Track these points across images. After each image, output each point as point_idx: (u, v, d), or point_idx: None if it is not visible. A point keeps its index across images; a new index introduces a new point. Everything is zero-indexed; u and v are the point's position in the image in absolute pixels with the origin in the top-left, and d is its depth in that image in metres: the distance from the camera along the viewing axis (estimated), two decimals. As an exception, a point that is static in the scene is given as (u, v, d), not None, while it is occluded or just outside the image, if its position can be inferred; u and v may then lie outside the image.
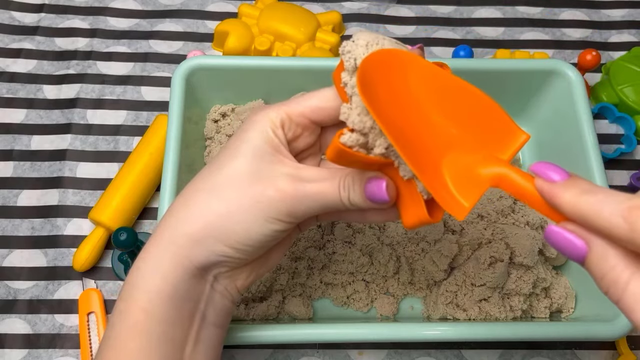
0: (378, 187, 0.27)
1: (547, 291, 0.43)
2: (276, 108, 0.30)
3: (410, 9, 0.61)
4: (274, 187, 0.28)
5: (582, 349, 0.45)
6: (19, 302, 0.46)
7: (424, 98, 0.27)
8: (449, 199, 0.25)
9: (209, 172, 0.30)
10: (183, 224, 0.29)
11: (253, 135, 0.29)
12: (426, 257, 0.43)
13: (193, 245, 0.29)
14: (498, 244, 0.42)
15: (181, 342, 0.29)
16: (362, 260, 0.43)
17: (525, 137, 0.27)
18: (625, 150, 0.53)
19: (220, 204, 0.28)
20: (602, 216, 0.20)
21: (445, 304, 0.42)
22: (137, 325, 0.28)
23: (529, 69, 0.47)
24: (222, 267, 0.30)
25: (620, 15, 0.62)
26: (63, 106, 0.54)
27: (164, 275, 0.28)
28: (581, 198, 0.21)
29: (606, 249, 0.21)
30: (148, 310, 0.28)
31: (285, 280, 0.43)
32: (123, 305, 0.29)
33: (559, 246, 0.22)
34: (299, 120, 0.30)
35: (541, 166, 0.24)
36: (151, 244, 0.30)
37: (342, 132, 0.25)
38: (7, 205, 0.49)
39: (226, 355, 0.44)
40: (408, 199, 0.27)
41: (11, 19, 0.58)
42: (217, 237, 0.28)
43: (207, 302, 0.30)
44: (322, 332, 0.39)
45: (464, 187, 0.26)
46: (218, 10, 0.60)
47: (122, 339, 0.28)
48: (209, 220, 0.28)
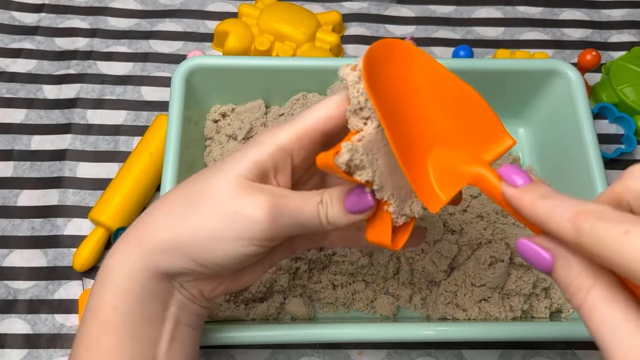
0: (362, 196, 0.27)
1: (547, 291, 0.43)
2: (287, 129, 0.29)
3: (410, 9, 0.61)
4: (251, 207, 0.27)
5: (582, 349, 0.45)
6: (19, 302, 0.46)
7: (421, 90, 0.28)
8: (427, 191, 0.27)
9: (192, 182, 0.30)
10: (154, 229, 0.29)
11: (247, 157, 0.29)
12: (426, 258, 0.43)
13: (158, 253, 0.28)
14: (498, 244, 0.42)
15: (153, 340, 0.29)
16: (362, 261, 0.43)
17: (510, 142, 0.28)
18: (625, 150, 0.53)
19: (194, 218, 0.28)
20: (553, 220, 0.22)
21: (445, 304, 0.42)
22: (108, 322, 0.28)
23: (529, 69, 0.47)
24: (187, 277, 0.30)
25: (620, 15, 0.62)
26: (63, 106, 0.54)
27: (131, 274, 0.29)
28: (538, 203, 0.23)
29: (570, 259, 0.22)
30: (117, 308, 0.28)
31: (286, 280, 0.43)
32: (93, 301, 0.29)
33: (528, 257, 0.23)
34: (312, 137, 0.29)
35: (507, 170, 0.25)
36: (122, 241, 0.30)
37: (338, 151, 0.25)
38: (7, 205, 0.49)
39: (226, 355, 0.44)
40: (378, 219, 0.28)
41: (11, 19, 0.58)
42: (183, 251, 0.28)
43: (178, 305, 0.30)
44: (322, 332, 0.39)
45: (444, 181, 0.27)
46: (218, 10, 0.60)
47: (93, 335, 0.29)
48: (180, 233, 0.28)
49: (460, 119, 0.28)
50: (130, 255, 0.29)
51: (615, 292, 0.21)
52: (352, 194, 0.27)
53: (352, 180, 0.26)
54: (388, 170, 0.27)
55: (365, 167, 0.25)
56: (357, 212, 0.27)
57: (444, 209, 0.45)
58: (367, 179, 0.25)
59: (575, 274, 0.22)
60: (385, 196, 0.27)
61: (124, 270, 0.29)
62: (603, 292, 0.21)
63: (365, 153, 0.25)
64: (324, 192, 0.28)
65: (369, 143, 0.25)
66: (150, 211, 0.30)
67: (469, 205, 0.45)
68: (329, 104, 0.29)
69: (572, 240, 0.21)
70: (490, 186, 0.25)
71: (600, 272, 0.21)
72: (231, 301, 0.42)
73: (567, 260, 0.22)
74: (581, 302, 0.21)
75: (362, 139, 0.25)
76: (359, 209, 0.27)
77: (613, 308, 0.20)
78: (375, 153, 0.26)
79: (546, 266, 0.23)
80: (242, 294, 0.42)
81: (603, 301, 0.21)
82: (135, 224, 0.30)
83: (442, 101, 0.28)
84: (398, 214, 0.27)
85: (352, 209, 0.27)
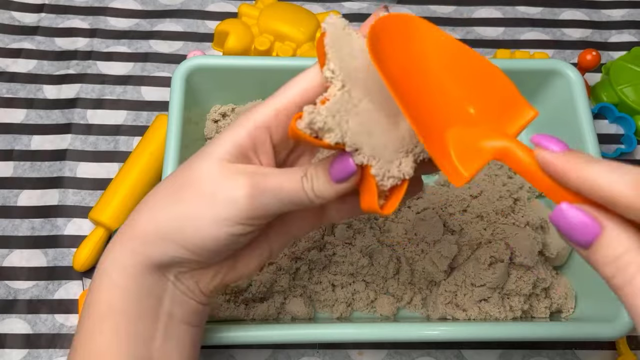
0: (343, 161, 0.26)
1: (547, 291, 0.43)
2: (265, 107, 0.29)
3: (410, 9, 0.61)
4: (230, 186, 0.27)
5: (582, 349, 0.45)
6: (19, 302, 0.46)
7: (434, 66, 0.27)
8: (449, 167, 0.25)
9: (176, 172, 0.30)
10: (142, 222, 0.29)
11: (225, 139, 0.29)
12: (426, 258, 0.43)
13: (149, 244, 0.29)
14: (498, 244, 0.42)
15: (147, 337, 0.29)
16: (362, 262, 0.43)
17: (533, 113, 0.26)
18: (625, 150, 0.53)
19: (178, 205, 0.28)
20: (608, 183, 0.20)
21: (445, 304, 0.42)
22: (103, 319, 0.28)
23: (529, 69, 0.47)
24: (180, 267, 0.30)
25: (620, 15, 0.62)
26: (63, 106, 0.54)
27: (125, 270, 0.29)
28: (587, 166, 0.21)
29: (621, 231, 0.20)
30: (111, 304, 0.28)
31: (286, 281, 0.43)
32: (89, 298, 0.29)
33: (569, 226, 0.21)
34: (290, 112, 0.29)
35: (542, 137, 0.23)
36: (116, 238, 0.30)
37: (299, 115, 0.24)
38: (7, 205, 0.49)
39: (226, 355, 0.44)
40: (365, 185, 0.27)
41: (11, 19, 0.58)
42: (171, 238, 0.28)
43: (171, 300, 0.30)
44: (322, 332, 0.39)
45: (466, 157, 0.25)
46: (218, 10, 0.60)
47: (90, 331, 0.29)
48: (165, 221, 0.28)
49: (479, 92, 0.27)
50: (123, 250, 0.29)
51: None
52: (334, 161, 0.27)
53: (320, 144, 0.25)
54: (365, 131, 0.26)
55: (332, 129, 0.25)
56: (342, 179, 0.27)
57: (444, 209, 0.45)
58: (337, 140, 0.25)
59: (624, 247, 0.20)
60: (365, 158, 0.26)
61: (118, 266, 0.29)
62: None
63: (331, 115, 0.25)
64: (310, 165, 0.28)
65: (334, 105, 0.25)
66: (139, 206, 0.30)
67: (469, 205, 0.45)
68: (305, 77, 0.28)
69: (632, 205, 0.19)
70: (518, 159, 0.24)
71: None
72: (231, 301, 0.42)
73: (617, 232, 0.20)
74: (628, 281, 0.19)
75: (326, 100, 0.25)
76: (343, 175, 0.26)
77: None
78: (343, 115, 0.25)
79: (592, 236, 0.20)
80: (242, 294, 0.42)
81: None
82: (127, 219, 0.30)
83: (458, 76, 0.27)
84: (383, 176, 0.26)
85: (336, 177, 0.27)
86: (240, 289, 0.42)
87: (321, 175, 0.27)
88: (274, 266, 0.43)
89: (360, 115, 0.26)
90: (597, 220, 0.21)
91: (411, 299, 0.44)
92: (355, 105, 0.26)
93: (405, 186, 0.27)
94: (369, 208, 0.27)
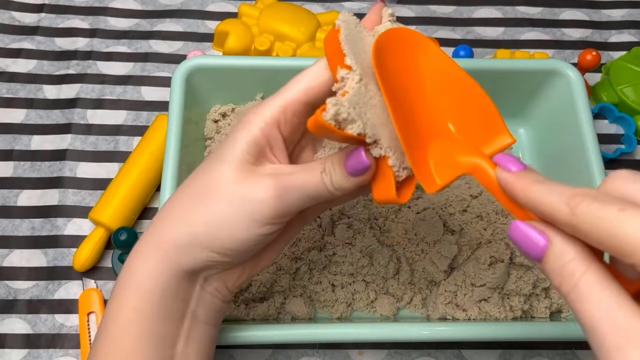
0: (357, 156, 0.27)
1: (547, 291, 0.43)
2: (271, 104, 0.29)
3: (410, 9, 0.61)
4: (257, 189, 0.28)
5: (582, 349, 0.45)
6: (19, 302, 0.46)
7: (428, 81, 0.29)
8: (425, 174, 0.28)
9: (195, 177, 0.30)
10: (169, 230, 0.29)
11: (240, 139, 0.29)
12: (426, 258, 0.43)
13: (179, 252, 0.29)
14: (498, 244, 0.42)
15: (172, 340, 0.30)
16: (362, 262, 0.43)
17: (510, 140, 0.28)
18: (625, 150, 0.53)
19: (205, 210, 0.29)
20: (548, 202, 0.22)
21: (445, 304, 0.42)
22: (129, 324, 0.29)
23: (529, 69, 0.47)
24: (211, 270, 0.30)
25: (620, 15, 0.62)
26: (63, 106, 0.54)
27: (153, 277, 0.29)
28: (532, 186, 0.23)
29: (565, 243, 0.22)
30: (140, 310, 0.29)
31: (286, 281, 0.43)
32: (115, 304, 0.29)
33: (521, 241, 0.23)
34: (295, 109, 0.29)
35: (502, 158, 0.25)
36: (140, 246, 0.30)
37: (324, 108, 0.25)
38: (7, 205, 0.49)
39: (226, 355, 0.44)
40: (380, 176, 0.28)
41: (11, 19, 0.58)
42: (202, 244, 0.29)
43: (197, 302, 0.31)
44: (322, 332, 0.39)
45: (442, 168, 0.28)
46: (218, 10, 0.60)
47: (114, 337, 0.29)
48: (194, 227, 0.29)
49: (463, 111, 0.29)
50: (150, 257, 0.29)
51: (608, 279, 0.21)
52: (348, 156, 0.27)
53: (344, 134, 0.25)
54: (381, 123, 0.27)
55: (354, 120, 0.25)
56: (357, 173, 0.27)
57: (444, 209, 0.45)
58: (359, 131, 0.25)
59: (568, 258, 0.21)
60: (383, 150, 0.27)
61: (145, 272, 0.29)
62: (596, 277, 0.21)
63: (352, 106, 0.25)
64: (326, 159, 0.28)
65: (354, 97, 0.26)
66: (162, 214, 0.30)
67: (469, 205, 0.45)
68: (309, 74, 0.29)
69: (566, 221, 0.21)
70: (486, 175, 0.26)
71: (592, 259, 0.21)
72: (231, 301, 0.42)
73: (562, 244, 0.22)
74: (573, 286, 0.21)
75: (346, 93, 0.26)
76: (357, 169, 0.27)
77: (605, 292, 0.20)
78: (362, 107, 0.26)
79: (539, 251, 0.22)
80: (242, 294, 0.42)
81: (596, 285, 0.20)
82: (150, 228, 0.30)
83: (447, 93, 0.29)
84: (399, 167, 0.27)
85: (352, 171, 0.27)
86: (240, 289, 0.42)
87: (337, 169, 0.28)
88: (274, 266, 0.43)
89: (376, 107, 0.27)
90: (545, 234, 0.22)
91: (411, 299, 0.44)
92: (372, 97, 0.27)
93: (415, 179, 0.28)
94: (385, 198, 0.27)
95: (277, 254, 0.33)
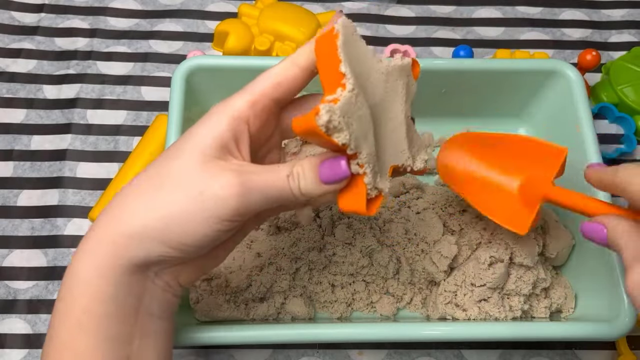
0: (337, 166, 0.27)
1: (547, 291, 0.43)
2: (240, 98, 0.29)
3: (410, 9, 0.61)
4: (218, 184, 0.27)
5: (582, 349, 0.45)
6: (19, 302, 0.46)
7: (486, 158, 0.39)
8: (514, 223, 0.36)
9: (153, 166, 0.29)
10: (121, 223, 0.28)
11: (205, 131, 0.28)
12: (426, 258, 0.43)
13: (131, 245, 0.27)
14: (498, 244, 0.42)
15: (127, 338, 0.29)
16: (362, 262, 0.43)
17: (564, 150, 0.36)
18: (625, 150, 0.53)
19: (162, 203, 0.27)
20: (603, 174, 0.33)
21: (445, 304, 0.42)
22: (80, 325, 0.27)
23: (529, 69, 0.47)
24: (163, 265, 0.29)
25: (620, 15, 0.62)
26: (63, 106, 0.54)
27: (102, 274, 0.27)
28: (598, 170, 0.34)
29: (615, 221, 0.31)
30: (90, 311, 0.27)
31: (286, 281, 0.43)
32: (62, 305, 0.28)
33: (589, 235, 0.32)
34: (265, 104, 0.29)
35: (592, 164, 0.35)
36: (87, 241, 0.28)
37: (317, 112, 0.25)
38: (7, 205, 0.49)
39: (226, 355, 0.44)
40: (353, 187, 0.28)
41: (11, 19, 0.58)
42: (156, 238, 0.27)
43: (150, 297, 0.30)
44: (322, 332, 0.39)
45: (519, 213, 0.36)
46: (218, 10, 0.60)
47: (64, 340, 0.28)
48: (149, 221, 0.27)
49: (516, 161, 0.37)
50: (98, 253, 0.28)
51: None
52: (326, 163, 0.27)
53: (329, 140, 0.25)
54: (363, 135, 0.27)
55: (342, 129, 0.25)
56: (332, 181, 0.27)
57: (444, 209, 0.45)
58: (345, 141, 0.25)
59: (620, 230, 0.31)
60: (362, 163, 0.27)
61: (92, 269, 0.28)
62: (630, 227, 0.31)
63: (342, 115, 0.25)
64: (294, 163, 0.28)
65: (345, 105, 0.25)
66: (116, 201, 0.29)
67: (469, 205, 0.45)
68: (277, 71, 0.29)
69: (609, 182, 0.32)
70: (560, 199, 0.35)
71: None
72: (231, 301, 0.42)
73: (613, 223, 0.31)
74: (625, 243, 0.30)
75: (337, 100, 0.25)
76: (335, 178, 0.27)
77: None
78: (350, 117, 0.26)
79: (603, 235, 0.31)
80: (242, 294, 0.42)
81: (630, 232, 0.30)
82: (99, 220, 0.29)
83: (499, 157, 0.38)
84: (372, 185, 0.28)
85: (328, 179, 0.27)
86: (240, 289, 0.42)
87: (309, 175, 0.27)
88: (274, 266, 0.43)
89: (361, 119, 0.27)
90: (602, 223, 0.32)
91: (411, 299, 0.44)
92: (360, 108, 0.26)
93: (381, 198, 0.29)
94: (353, 210, 0.28)
95: (230, 251, 0.33)
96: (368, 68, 0.29)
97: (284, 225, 0.44)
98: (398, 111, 0.31)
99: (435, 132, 0.51)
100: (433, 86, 0.48)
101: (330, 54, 0.27)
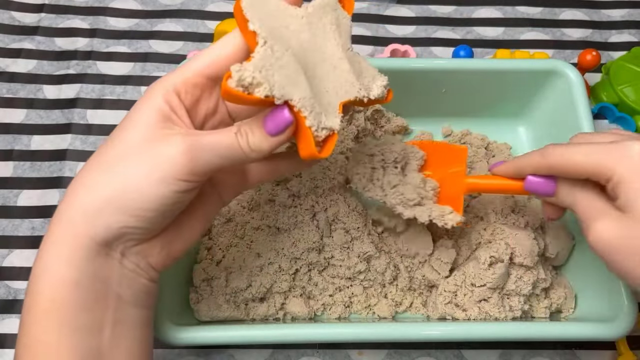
0: (279, 113, 0.27)
1: (547, 291, 0.43)
2: (174, 75, 0.30)
3: (410, 9, 0.61)
4: (166, 146, 0.28)
5: (582, 349, 0.45)
6: (19, 302, 0.46)
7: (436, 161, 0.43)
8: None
9: (104, 148, 0.29)
10: (79, 201, 0.28)
11: (145, 107, 0.29)
12: (425, 266, 0.43)
13: (90, 220, 0.27)
14: (498, 244, 0.41)
15: (98, 327, 0.28)
16: (359, 267, 0.43)
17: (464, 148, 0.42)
18: (625, 150, 0.53)
19: (116, 176, 0.28)
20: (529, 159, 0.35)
21: (445, 304, 0.42)
22: (47, 317, 0.27)
23: (529, 69, 0.47)
24: (127, 241, 0.29)
25: (620, 15, 0.62)
26: (63, 106, 0.54)
27: (66, 259, 0.27)
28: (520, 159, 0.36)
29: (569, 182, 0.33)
30: (55, 300, 0.27)
31: (286, 281, 0.42)
32: (29, 300, 0.28)
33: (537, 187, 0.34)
34: (197, 81, 0.30)
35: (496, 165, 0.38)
36: (50, 228, 0.28)
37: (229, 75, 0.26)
38: (7, 205, 0.49)
39: (226, 355, 0.44)
40: (301, 136, 0.29)
41: (11, 19, 0.58)
42: (114, 208, 0.28)
43: (120, 281, 0.29)
44: (322, 332, 0.39)
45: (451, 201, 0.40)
46: (218, 10, 0.60)
47: (33, 334, 0.27)
48: (104, 192, 0.28)
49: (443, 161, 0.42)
50: (61, 239, 0.28)
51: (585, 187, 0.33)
52: (268, 116, 0.28)
53: (251, 99, 0.26)
54: (291, 83, 0.27)
55: (260, 83, 0.26)
56: (278, 131, 0.28)
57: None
58: (267, 93, 0.26)
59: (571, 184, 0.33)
60: (298, 106, 0.27)
61: (54, 257, 0.27)
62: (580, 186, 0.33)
63: (257, 70, 0.26)
64: (241, 123, 0.29)
65: (259, 61, 0.26)
66: (73, 184, 0.29)
67: (468, 205, 0.45)
68: (216, 47, 0.30)
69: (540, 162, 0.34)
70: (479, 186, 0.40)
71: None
72: (231, 301, 0.42)
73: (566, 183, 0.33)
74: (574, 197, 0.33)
75: (251, 58, 0.27)
76: (278, 128, 0.28)
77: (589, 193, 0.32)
78: (268, 69, 0.27)
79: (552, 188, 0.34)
80: (242, 294, 0.42)
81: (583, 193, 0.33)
82: (59, 207, 0.29)
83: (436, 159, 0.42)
84: (317, 127, 0.28)
85: (272, 130, 0.28)
86: (240, 289, 0.42)
87: (256, 130, 0.28)
88: (273, 266, 0.43)
89: (285, 68, 0.27)
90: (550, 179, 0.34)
91: (411, 303, 0.44)
92: (279, 58, 0.27)
93: (335, 137, 0.30)
94: (308, 154, 0.29)
95: (197, 234, 0.33)
96: (285, 18, 0.30)
97: (283, 226, 0.44)
98: (333, 48, 0.32)
99: (435, 132, 0.51)
100: (433, 86, 0.48)
101: (242, 18, 0.28)
